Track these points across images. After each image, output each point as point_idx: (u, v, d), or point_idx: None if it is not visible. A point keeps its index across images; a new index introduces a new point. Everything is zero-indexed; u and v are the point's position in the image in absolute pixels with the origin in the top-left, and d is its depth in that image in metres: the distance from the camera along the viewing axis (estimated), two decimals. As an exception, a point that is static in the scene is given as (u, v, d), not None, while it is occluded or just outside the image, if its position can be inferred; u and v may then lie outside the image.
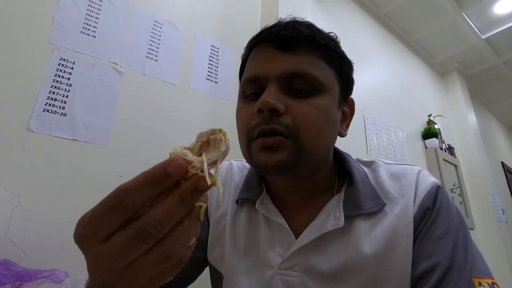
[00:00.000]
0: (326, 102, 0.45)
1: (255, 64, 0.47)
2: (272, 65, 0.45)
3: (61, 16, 1.02)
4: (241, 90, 0.49)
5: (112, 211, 0.22)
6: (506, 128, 4.76)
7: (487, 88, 3.72)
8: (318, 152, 0.44)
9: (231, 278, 0.50)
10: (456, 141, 3.07)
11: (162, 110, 1.17)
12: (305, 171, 0.45)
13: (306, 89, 0.44)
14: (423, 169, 0.50)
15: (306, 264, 0.45)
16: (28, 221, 0.82)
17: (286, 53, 0.45)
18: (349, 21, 2.27)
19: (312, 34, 0.46)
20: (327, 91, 0.45)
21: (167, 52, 1.25)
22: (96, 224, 0.22)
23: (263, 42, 0.48)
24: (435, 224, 0.43)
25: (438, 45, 3.04)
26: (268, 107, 0.41)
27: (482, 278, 0.39)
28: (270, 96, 0.42)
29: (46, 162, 0.89)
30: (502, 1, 2.49)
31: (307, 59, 0.45)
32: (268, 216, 0.50)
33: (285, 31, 0.45)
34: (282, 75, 0.44)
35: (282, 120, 0.42)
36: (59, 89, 0.96)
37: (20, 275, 0.70)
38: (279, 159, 0.41)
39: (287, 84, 0.44)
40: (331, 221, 0.45)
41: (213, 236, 0.55)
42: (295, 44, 0.45)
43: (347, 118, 0.53)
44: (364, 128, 2.03)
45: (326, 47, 0.46)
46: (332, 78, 0.47)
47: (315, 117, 0.43)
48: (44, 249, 0.82)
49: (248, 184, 0.55)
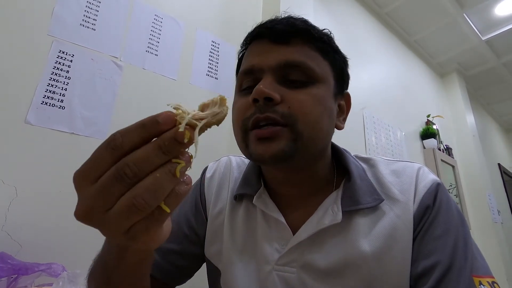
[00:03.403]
0: (322, 92, 0.45)
1: (251, 58, 0.48)
2: (267, 56, 0.45)
3: (61, 8, 1.01)
4: (237, 85, 0.50)
5: (104, 151, 0.23)
6: (504, 130, 4.79)
7: (486, 89, 3.73)
8: (316, 142, 0.44)
9: (229, 273, 0.50)
10: (454, 142, 3.08)
11: (162, 105, 1.16)
12: (303, 161, 0.45)
13: (301, 80, 0.44)
14: (423, 166, 0.49)
15: (303, 260, 0.45)
16: (25, 214, 0.82)
17: (281, 46, 0.45)
18: (350, 19, 2.26)
19: (306, 27, 0.47)
20: (322, 81, 0.45)
21: (168, 47, 1.24)
22: (90, 163, 0.23)
23: (259, 37, 0.48)
24: (435, 223, 0.42)
25: (439, 46, 3.04)
26: (262, 95, 0.41)
27: (483, 277, 0.39)
28: (265, 85, 0.42)
29: (44, 155, 0.88)
30: (503, 2, 2.49)
31: (302, 50, 0.45)
32: (266, 211, 0.49)
33: (279, 24, 0.46)
34: (277, 65, 0.44)
35: (277, 109, 0.42)
36: (58, 82, 0.95)
37: (17, 268, 0.70)
38: (276, 149, 0.41)
39: (282, 75, 0.44)
40: (329, 216, 0.45)
41: (210, 231, 0.55)
42: (290, 37, 0.46)
43: (344, 112, 0.53)
44: (363, 127, 2.03)
45: (320, 40, 0.47)
46: (326, 70, 0.47)
47: (312, 106, 0.43)
48: (41, 243, 0.82)
49: (246, 179, 0.54)
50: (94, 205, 0.23)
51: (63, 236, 0.86)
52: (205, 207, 0.57)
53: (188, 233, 0.55)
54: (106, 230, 0.24)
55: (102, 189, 0.22)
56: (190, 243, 0.55)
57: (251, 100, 0.43)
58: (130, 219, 0.23)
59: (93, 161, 0.23)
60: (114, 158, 0.23)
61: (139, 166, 0.22)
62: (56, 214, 0.86)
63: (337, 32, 2.44)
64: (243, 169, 0.58)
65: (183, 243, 0.55)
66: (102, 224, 0.23)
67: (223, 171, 0.60)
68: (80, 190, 0.23)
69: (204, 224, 0.56)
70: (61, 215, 0.86)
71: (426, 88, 3.07)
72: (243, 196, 0.54)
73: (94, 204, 0.23)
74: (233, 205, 0.55)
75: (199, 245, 0.56)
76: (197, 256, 0.56)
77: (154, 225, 0.24)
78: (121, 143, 0.23)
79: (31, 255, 0.78)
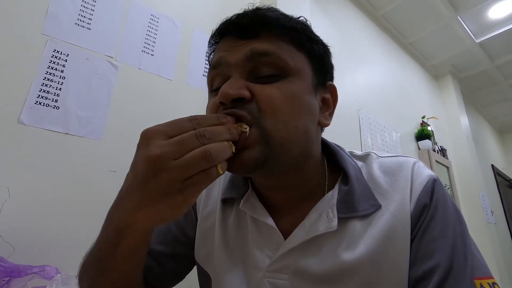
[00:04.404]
0: (295, 86, 0.41)
1: (217, 56, 0.44)
2: (233, 53, 0.41)
3: (55, 7, 1.00)
4: (208, 87, 0.46)
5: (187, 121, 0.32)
6: (497, 132, 4.85)
7: (480, 91, 3.78)
8: (292, 143, 0.40)
9: (220, 280, 0.48)
10: (448, 143, 3.11)
11: (158, 105, 1.16)
12: (282, 165, 0.41)
13: (273, 74, 0.40)
14: (418, 161, 0.47)
15: (295, 266, 0.42)
16: (18, 216, 0.80)
17: (249, 41, 0.41)
18: (346, 21, 2.28)
19: (275, 17, 0.42)
20: (296, 74, 0.41)
21: (164, 47, 1.24)
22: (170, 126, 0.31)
23: (225, 34, 0.45)
24: (433, 222, 0.41)
25: (433, 48, 3.07)
26: (228, 98, 0.38)
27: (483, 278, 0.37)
28: (230, 85, 0.39)
29: (37, 155, 0.87)
30: (497, 5, 2.52)
31: (271, 44, 0.41)
32: (254, 216, 0.47)
33: (245, 18, 0.42)
34: (244, 58, 0.40)
35: (246, 106, 0.38)
36: (52, 81, 0.94)
37: (9, 271, 0.68)
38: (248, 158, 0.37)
39: (251, 70, 0.41)
40: (324, 223, 0.42)
41: (200, 232, 0.53)
42: (257, 30, 0.41)
43: (330, 106, 0.48)
44: (359, 128, 2.04)
45: (293, 29, 0.43)
46: (301, 61, 0.43)
47: (282, 101, 0.39)
48: (34, 245, 0.81)
49: (233, 182, 0.52)
50: (168, 151, 0.29)
51: (57, 238, 0.84)
52: (195, 206, 0.56)
53: (177, 234, 0.53)
54: (166, 176, 0.29)
55: (181, 141, 0.30)
56: (179, 244, 0.53)
57: (217, 103, 0.40)
58: (195, 168, 0.29)
59: (174, 125, 0.31)
60: (194, 127, 0.32)
61: (214, 134, 0.32)
62: (49, 215, 0.84)
63: (334, 34, 2.43)
64: None
65: (172, 244, 0.53)
66: (167, 170, 0.29)
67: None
68: (151, 141, 0.30)
69: (194, 225, 0.54)
70: (55, 217, 0.85)
71: (421, 89, 3.10)
72: (233, 200, 0.51)
73: (168, 150, 0.29)
74: (224, 208, 0.52)
75: (188, 246, 0.54)
76: (187, 258, 0.54)
77: (208, 180, 0.31)
78: (202, 121, 0.33)
79: (24, 258, 0.77)
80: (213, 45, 0.47)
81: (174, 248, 0.53)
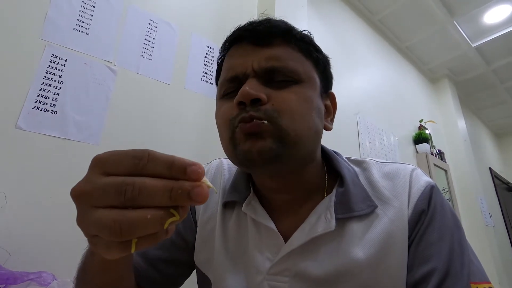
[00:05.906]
0: (308, 90, 0.44)
1: (232, 62, 0.46)
2: (249, 60, 0.44)
3: (54, 12, 1.00)
4: (219, 92, 0.48)
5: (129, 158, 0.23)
6: (494, 135, 4.88)
7: (476, 95, 3.80)
8: (304, 141, 0.42)
9: (220, 283, 0.48)
10: (446, 146, 3.12)
11: (156, 110, 1.16)
12: (292, 163, 0.43)
13: (286, 80, 0.43)
14: (416, 168, 0.48)
15: (296, 269, 0.43)
16: (15, 221, 0.80)
17: (262, 48, 0.44)
18: (343, 25, 2.30)
19: (287, 28, 0.46)
20: (307, 80, 0.45)
21: (162, 51, 1.24)
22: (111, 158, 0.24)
23: (239, 40, 0.47)
24: (430, 227, 0.42)
25: (430, 52, 3.10)
26: (249, 97, 0.40)
27: (480, 283, 0.38)
28: (251, 86, 0.41)
29: (35, 161, 0.86)
30: (492, 10, 2.55)
31: (284, 52, 0.44)
32: (256, 218, 0.48)
33: (260, 26, 0.45)
34: (260, 69, 0.43)
35: (261, 108, 0.40)
36: (50, 86, 0.94)
37: (5, 278, 0.68)
38: (263, 145, 0.39)
39: (266, 76, 0.43)
40: (322, 224, 0.43)
41: (200, 237, 0.53)
42: (271, 38, 0.45)
43: (331, 112, 0.52)
44: (357, 132, 2.05)
45: (302, 40, 0.47)
46: (311, 69, 0.46)
47: (296, 103, 0.42)
48: (31, 251, 0.80)
49: (235, 185, 0.53)
50: (90, 193, 0.23)
51: (54, 244, 0.84)
52: (194, 212, 0.55)
53: (175, 239, 0.53)
54: (80, 220, 0.24)
55: (104, 187, 0.22)
56: (177, 250, 0.53)
57: (236, 103, 0.41)
58: (99, 232, 0.22)
59: (114, 159, 0.24)
60: (132, 169, 0.23)
61: (142, 193, 0.22)
62: (46, 221, 0.84)
63: (331, 38, 2.44)
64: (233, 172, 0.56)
65: (170, 250, 0.53)
66: (81, 213, 0.23)
67: (214, 174, 0.58)
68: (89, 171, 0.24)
69: (193, 230, 0.54)
70: (52, 223, 0.84)
71: (418, 93, 3.12)
72: (234, 203, 0.52)
73: (91, 192, 0.23)
74: (224, 211, 0.53)
75: (187, 251, 0.54)
76: (185, 264, 0.54)
77: (114, 252, 0.23)
78: (145, 164, 0.23)
79: (20, 264, 0.76)
80: (224, 50, 0.50)
81: (171, 253, 0.53)
